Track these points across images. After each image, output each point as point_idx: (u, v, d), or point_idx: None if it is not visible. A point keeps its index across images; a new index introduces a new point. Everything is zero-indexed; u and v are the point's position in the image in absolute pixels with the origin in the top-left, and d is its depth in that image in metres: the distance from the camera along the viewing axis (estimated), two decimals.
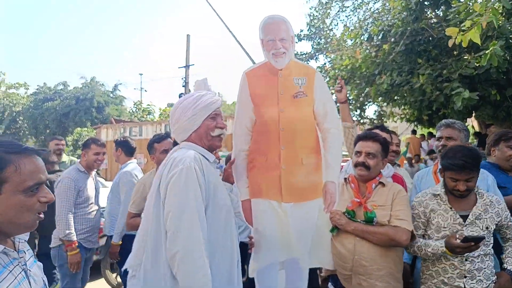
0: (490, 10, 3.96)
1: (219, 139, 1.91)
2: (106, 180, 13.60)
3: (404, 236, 2.19)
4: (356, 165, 2.38)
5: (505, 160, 2.83)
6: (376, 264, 2.20)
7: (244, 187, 2.42)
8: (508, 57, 6.34)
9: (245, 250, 2.43)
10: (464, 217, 2.25)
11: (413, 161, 10.96)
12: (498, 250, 2.40)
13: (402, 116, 11.48)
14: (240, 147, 2.42)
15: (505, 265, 2.31)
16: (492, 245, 2.27)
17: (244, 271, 3.23)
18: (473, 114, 9.19)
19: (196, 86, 1.99)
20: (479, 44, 3.69)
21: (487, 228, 2.24)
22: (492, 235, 2.28)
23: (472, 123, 12.33)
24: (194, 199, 1.62)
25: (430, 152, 10.46)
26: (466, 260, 2.19)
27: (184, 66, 18.00)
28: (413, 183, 2.94)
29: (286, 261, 2.44)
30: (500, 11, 4.81)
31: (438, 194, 2.35)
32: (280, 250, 2.41)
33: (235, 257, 1.80)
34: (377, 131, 2.97)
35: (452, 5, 7.58)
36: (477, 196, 2.31)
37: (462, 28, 3.76)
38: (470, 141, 10.49)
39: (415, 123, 10.67)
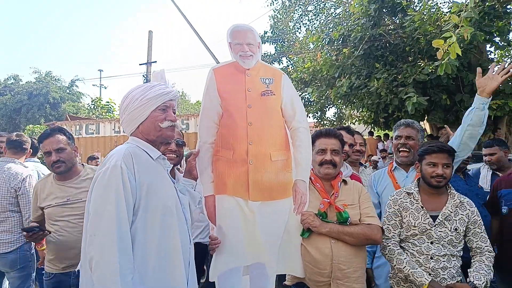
0: (463, 21, 4.21)
1: (170, 129, 1.82)
2: None
3: (379, 233, 2.18)
4: (322, 163, 2.32)
5: None
6: (352, 266, 2.14)
7: (208, 182, 2.28)
8: (457, 65, 6.75)
9: (204, 250, 2.32)
10: (434, 217, 2.26)
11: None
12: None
13: (360, 118, 11.88)
14: (205, 139, 2.30)
15: (470, 278, 2.18)
16: (461, 247, 2.26)
17: (203, 272, 3.12)
18: (426, 118, 9.68)
19: (153, 77, 1.91)
20: (460, 54, 3.91)
21: (456, 229, 2.23)
22: (462, 237, 2.27)
23: (425, 126, 13.00)
24: (114, 201, 1.52)
25: (382, 150, 10.86)
26: (431, 258, 2.20)
27: (146, 63, 17.55)
28: (369, 184, 2.95)
29: (251, 266, 2.29)
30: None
31: (411, 193, 2.36)
32: (245, 253, 2.25)
33: (179, 259, 1.69)
34: (343, 132, 3.00)
35: (408, 14, 7.97)
36: (449, 197, 2.33)
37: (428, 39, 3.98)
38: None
39: (372, 125, 11.08)
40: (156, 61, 17.94)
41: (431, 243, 2.24)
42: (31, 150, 3.87)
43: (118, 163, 1.58)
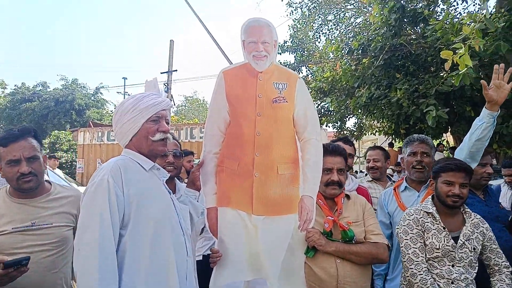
0: (475, 32, 4.08)
1: (161, 144, 1.77)
2: (82, 185, 13.31)
3: (385, 252, 2.13)
4: (329, 184, 2.22)
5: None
6: (358, 285, 2.08)
7: (211, 194, 2.22)
8: (482, 75, 6.52)
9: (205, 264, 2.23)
10: (454, 239, 2.16)
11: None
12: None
13: (381, 128, 11.66)
14: (210, 149, 2.23)
15: None
16: (477, 268, 2.18)
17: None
18: (449, 130, 9.40)
19: (146, 86, 1.88)
20: (471, 65, 3.77)
21: (474, 249, 2.15)
22: (478, 257, 2.19)
23: (447, 138, 12.63)
24: (98, 216, 1.50)
25: (397, 164, 10.44)
26: (452, 283, 2.10)
27: (167, 72, 17.83)
28: (379, 203, 2.82)
29: (251, 282, 2.21)
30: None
31: (431, 213, 2.23)
32: (246, 268, 2.18)
33: (173, 273, 1.63)
34: (340, 143, 2.92)
35: (429, 23, 7.80)
36: (465, 216, 2.24)
37: (451, 49, 3.86)
38: (445, 155, 10.77)
39: (393, 136, 10.84)
40: (176, 70, 18.17)
41: (452, 266, 2.12)
42: None
43: (105, 177, 1.56)
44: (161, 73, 18.12)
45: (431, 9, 8.42)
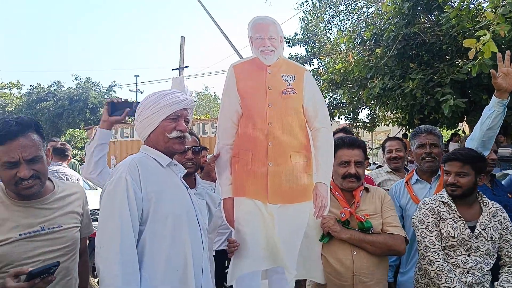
0: (498, 17, 3.97)
1: (178, 142, 1.75)
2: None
3: (402, 244, 2.11)
4: (346, 176, 2.23)
5: None
6: (375, 277, 2.08)
7: (227, 185, 2.26)
8: (496, 63, 6.34)
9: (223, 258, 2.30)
10: (471, 228, 2.16)
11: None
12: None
13: (394, 119, 11.51)
14: (224, 141, 2.28)
15: None
16: (495, 258, 2.15)
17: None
18: (465, 119, 9.23)
19: (172, 83, 1.89)
20: (497, 52, 3.68)
21: (491, 238, 2.13)
22: (496, 246, 2.16)
23: (464, 128, 12.39)
24: (118, 214, 1.51)
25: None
26: (468, 272, 2.09)
27: (178, 68, 17.88)
28: (390, 195, 2.73)
29: (270, 270, 2.26)
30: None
31: (446, 202, 2.23)
32: (263, 257, 2.21)
33: (190, 269, 1.64)
34: (340, 134, 2.97)
35: (444, 10, 7.62)
36: (482, 205, 2.23)
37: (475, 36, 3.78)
38: (461, 145, 10.56)
39: (407, 127, 10.68)
40: (188, 66, 18.20)
41: (468, 255, 2.11)
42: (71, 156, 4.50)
43: (123, 175, 1.57)
44: (172, 69, 18.20)
45: None
